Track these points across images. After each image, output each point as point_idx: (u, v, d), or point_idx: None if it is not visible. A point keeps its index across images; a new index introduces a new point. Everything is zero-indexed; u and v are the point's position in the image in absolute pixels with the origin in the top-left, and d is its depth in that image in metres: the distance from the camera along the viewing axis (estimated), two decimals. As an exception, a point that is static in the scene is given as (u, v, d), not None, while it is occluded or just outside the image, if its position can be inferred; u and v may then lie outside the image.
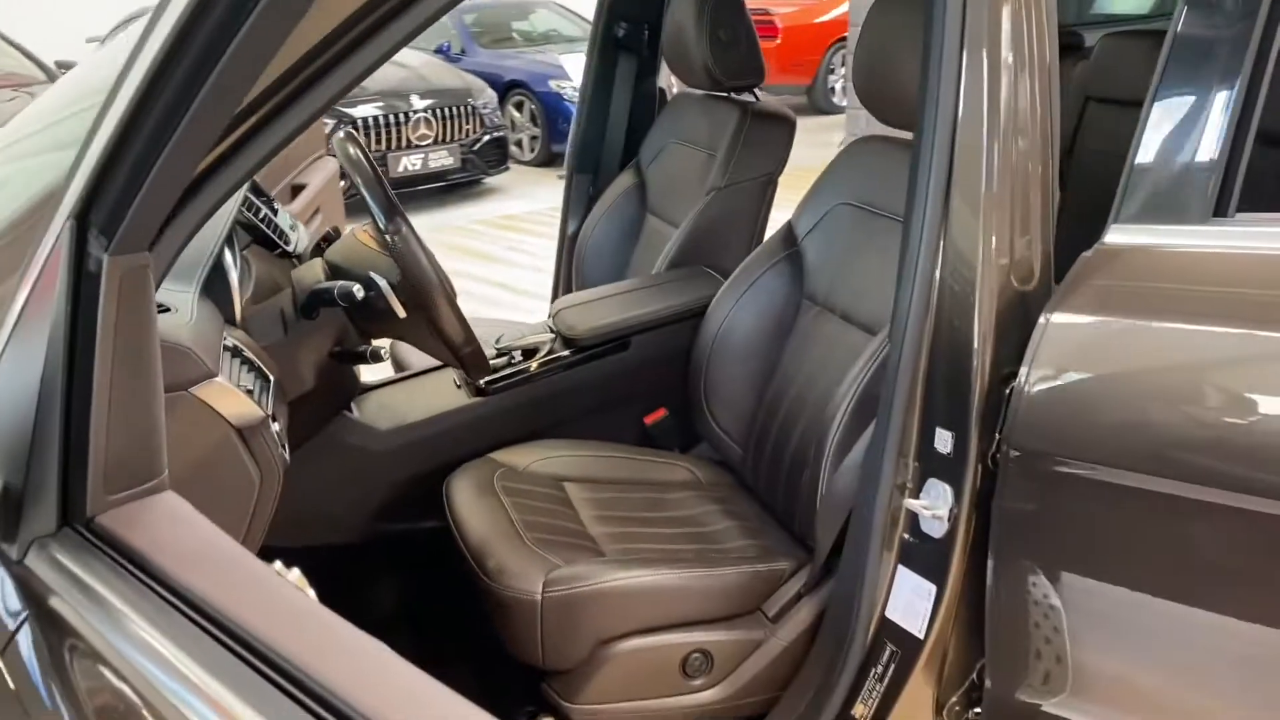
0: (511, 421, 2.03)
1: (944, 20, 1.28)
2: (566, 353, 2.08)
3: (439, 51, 8.84)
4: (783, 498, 1.81)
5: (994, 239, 1.29)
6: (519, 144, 8.55)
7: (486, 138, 7.33)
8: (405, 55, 6.87)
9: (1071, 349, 1.26)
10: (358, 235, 1.66)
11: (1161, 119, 1.24)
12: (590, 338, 2.08)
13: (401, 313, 1.53)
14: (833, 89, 10.36)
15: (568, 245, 2.84)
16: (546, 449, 1.96)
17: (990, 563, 1.31)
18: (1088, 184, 2.84)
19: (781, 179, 2.43)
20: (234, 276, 1.41)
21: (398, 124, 6.73)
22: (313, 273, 1.69)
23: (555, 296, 2.92)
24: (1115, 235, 1.25)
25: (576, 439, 2.04)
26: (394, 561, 2.03)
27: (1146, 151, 1.24)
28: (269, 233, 1.69)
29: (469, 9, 9.68)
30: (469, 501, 1.75)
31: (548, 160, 8.44)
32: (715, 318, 1.99)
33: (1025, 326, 1.29)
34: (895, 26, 1.59)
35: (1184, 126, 1.22)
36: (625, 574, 1.56)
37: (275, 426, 1.34)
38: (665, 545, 1.73)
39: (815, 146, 5.79)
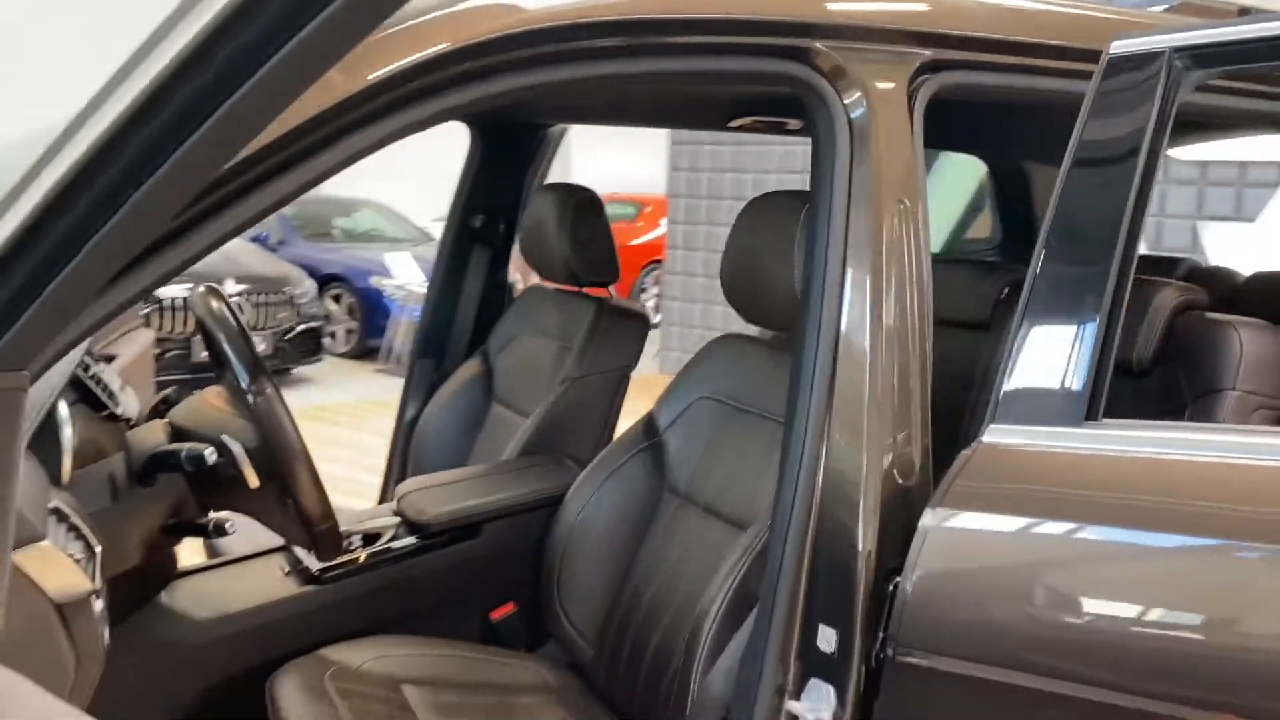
0: (346, 614, 1.85)
1: (828, 232, 1.36)
2: (412, 539, 1.95)
3: (256, 240, 8.69)
4: (641, 704, 1.71)
5: (876, 438, 1.32)
6: (333, 335, 8.39)
7: (301, 327, 7.15)
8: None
9: (949, 546, 1.28)
10: (207, 398, 1.53)
11: (1034, 338, 1.31)
12: (439, 523, 1.96)
13: (254, 481, 1.39)
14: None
15: (404, 432, 2.73)
16: (383, 646, 1.80)
17: None
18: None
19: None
20: (67, 433, 1.25)
21: (208, 306, 6.45)
22: (153, 435, 1.52)
23: (387, 485, 2.78)
24: (994, 435, 1.30)
25: (416, 634, 1.89)
26: None
27: (1023, 365, 1.31)
28: (98, 392, 1.52)
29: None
30: (297, 705, 1.57)
31: (362, 354, 8.33)
32: (572, 507, 1.93)
33: (908, 524, 1.31)
34: (766, 231, 1.60)
35: (1056, 343, 1.30)
36: None
37: (99, 605, 1.16)
38: None
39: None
